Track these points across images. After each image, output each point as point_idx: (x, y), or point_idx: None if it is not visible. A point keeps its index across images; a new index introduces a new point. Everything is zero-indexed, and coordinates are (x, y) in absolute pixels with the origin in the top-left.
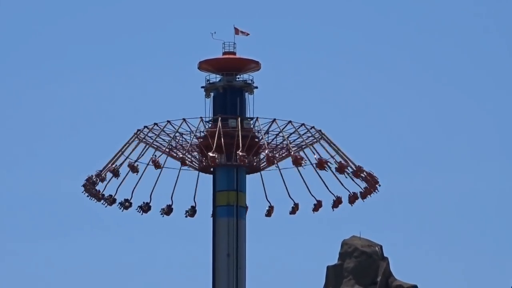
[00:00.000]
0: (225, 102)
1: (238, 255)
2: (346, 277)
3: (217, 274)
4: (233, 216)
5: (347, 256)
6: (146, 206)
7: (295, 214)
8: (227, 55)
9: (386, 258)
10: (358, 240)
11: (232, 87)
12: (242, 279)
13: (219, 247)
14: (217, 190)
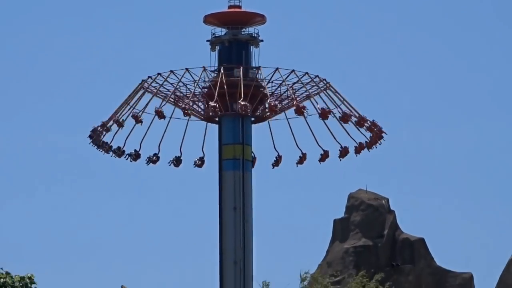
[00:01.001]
0: (230, 55)
1: (245, 209)
2: (352, 230)
3: (224, 227)
4: (239, 170)
5: (353, 210)
6: (155, 157)
7: (302, 164)
8: (232, 9)
9: (393, 211)
10: (364, 193)
11: (237, 40)
12: (249, 232)
13: (226, 201)
14: (223, 144)
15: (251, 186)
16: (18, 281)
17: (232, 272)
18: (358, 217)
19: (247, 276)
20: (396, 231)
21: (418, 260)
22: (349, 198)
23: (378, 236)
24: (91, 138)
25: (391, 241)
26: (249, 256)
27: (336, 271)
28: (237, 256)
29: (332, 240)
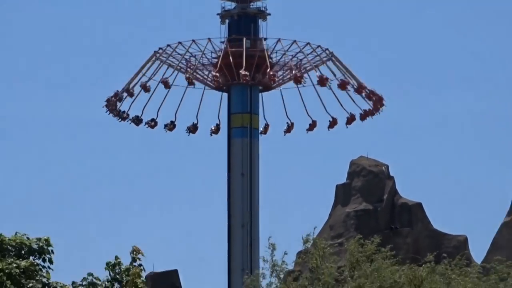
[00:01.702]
0: (239, 28)
1: (252, 175)
2: (354, 195)
3: (232, 192)
4: (247, 137)
5: (355, 175)
6: (172, 125)
7: (312, 130)
8: None
9: (392, 177)
10: (365, 160)
11: (246, 14)
12: (255, 196)
13: (234, 167)
14: (231, 113)
15: (258, 153)
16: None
17: (239, 234)
18: (359, 183)
19: (254, 239)
20: (395, 196)
21: (416, 224)
22: (351, 164)
23: (378, 201)
24: (107, 108)
25: (390, 205)
26: (255, 220)
27: (338, 234)
28: (244, 220)
29: (334, 204)
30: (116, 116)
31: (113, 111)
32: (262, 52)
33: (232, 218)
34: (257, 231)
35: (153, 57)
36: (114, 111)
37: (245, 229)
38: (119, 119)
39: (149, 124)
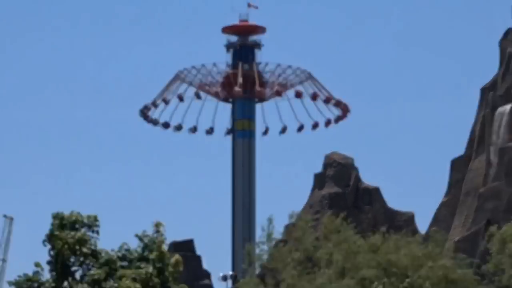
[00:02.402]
0: (240, 56)
1: (250, 165)
2: (328, 181)
3: (235, 179)
4: (247, 138)
5: (328, 166)
6: (194, 129)
7: (301, 132)
8: (242, 23)
9: (356, 167)
10: (336, 154)
11: (245, 45)
12: (253, 182)
13: (237, 160)
14: (235, 119)
15: (255, 149)
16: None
17: (240, 212)
18: (332, 172)
19: (252, 215)
20: (359, 182)
21: (374, 203)
22: (325, 158)
23: (346, 186)
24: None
25: (355, 189)
26: (253, 200)
27: (315, 211)
28: (244, 200)
29: (313, 188)
30: (150, 122)
31: (146, 118)
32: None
33: (235, 199)
34: (254, 209)
35: (175, 78)
36: (147, 118)
37: (245, 208)
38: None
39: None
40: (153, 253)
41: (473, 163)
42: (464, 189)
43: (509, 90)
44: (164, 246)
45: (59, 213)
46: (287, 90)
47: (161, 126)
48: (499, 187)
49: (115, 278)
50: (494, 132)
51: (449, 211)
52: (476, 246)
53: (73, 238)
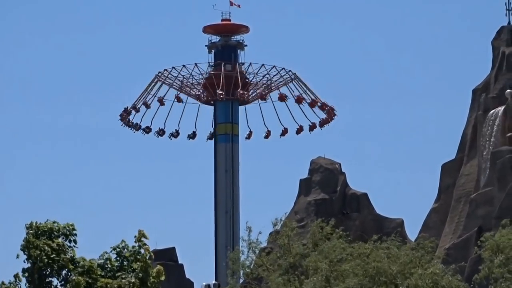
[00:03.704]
0: (223, 56)
1: (234, 171)
2: (314, 187)
3: (218, 185)
4: (230, 142)
5: (314, 172)
6: (176, 133)
7: (284, 136)
8: (224, 22)
9: (344, 173)
10: (323, 159)
11: (228, 45)
12: (236, 188)
13: (219, 165)
14: (217, 123)
15: (238, 154)
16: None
17: (223, 219)
18: (318, 177)
19: (235, 222)
20: (346, 188)
21: (362, 209)
22: (311, 163)
23: (333, 192)
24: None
25: (342, 195)
26: (237, 207)
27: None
28: (228, 207)
29: (298, 195)
30: (130, 127)
31: (126, 123)
32: (238, 74)
33: (218, 206)
34: (237, 216)
35: (155, 79)
36: (127, 122)
37: (228, 215)
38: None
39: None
40: (137, 263)
41: (464, 167)
42: (455, 194)
43: (502, 91)
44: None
45: (32, 222)
46: (271, 92)
47: (142, 131)
48: (491, 193)
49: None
50: (487, 136)
51: (440, 218)
52: (467, 254)
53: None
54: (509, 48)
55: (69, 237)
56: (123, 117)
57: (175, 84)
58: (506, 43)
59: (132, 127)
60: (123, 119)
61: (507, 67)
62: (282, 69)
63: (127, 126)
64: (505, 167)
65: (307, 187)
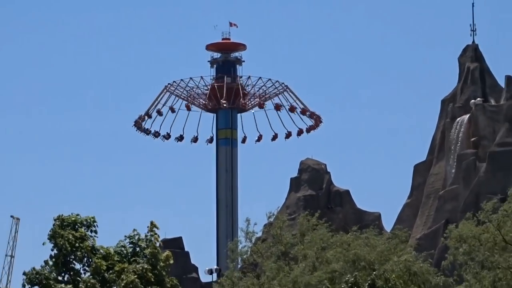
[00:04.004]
0: (223, 70)
1: (233, 171)
2: (303, 184)
3: (219, 183)
4: (230, 145)
5: (303, 171)
6: (181, 138)
7: (275, 140)
8: (224, 40)
9: (329, 172)
10: (310, 160)
11: (228, 61)
12: (235, 186)
13: (220, 166)
14: (218, 128)
15: (237, 156)
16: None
17: (224, 212)
18: (306, 176)
19: (234, 215)
20: (331, 185)
21: (345, 204)
22: (300, 163)
23: (319, 189)
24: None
25: (328, 192)
26: (235, 202)
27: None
28: (228, 202)
29: (289, 191)
30: (142, 132)
31: (140, 128)
32: (238, 86)
33: (219, 201)
34: (236, 209)
35: (164, 90)
36: (140, 128)
37: (228, 209)
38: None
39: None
40: (148, 250)
41: (433, 168)
42: (425, 191)
43: (467, 101)
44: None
45: (59, 215)
46: (266, 102)
47: (152, 135)
48: (457, 190)
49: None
50: (453, 140)
51: (412, 212)
52: (436, 243)
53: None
54: (473, 64)
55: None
56: (137, 123)
57: (183, 95)
58: (470, 60)
59: (144, 132)
60: (136, 125)
61: (472, 80)
62: (276, 82)
63: (140, 131)
64: (469, 168)
65: (297, 184)
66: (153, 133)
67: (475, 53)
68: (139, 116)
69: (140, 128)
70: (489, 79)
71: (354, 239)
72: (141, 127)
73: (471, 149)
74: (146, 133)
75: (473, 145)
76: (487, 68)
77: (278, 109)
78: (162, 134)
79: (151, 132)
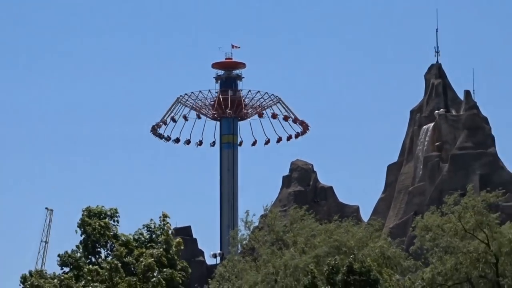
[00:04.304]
0: (226, 85)
1: (234, 170)
2: (293, 181)
3: (222, 180)
4: (231, 149)
5: (293, 170)
6: (188, 141)
7: (268, 144)
8: (227, 60)
9: (315, 171)
10: (300, 161)
11: (230, 77)
12: (236, 182)
13: (223, 166)
14: (222, 134)
15: (237, 157)
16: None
17: (226, 205)
18: (296, 174)
19: (235, 208)
20: (317, 182)
21: (329, 198)
22: (291, 164)
23: (307, 185)
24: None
25: (314, 188)
26: (236, 196)
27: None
28: (229, 196)
29: (281, 187)
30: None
31: (155, 133)
32: (239, 98)
33: (222, 195)
34: (237, 203)
35: (176, 101)
36: (156, 133)
37: (230, 202)
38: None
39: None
40: (162, 237)
41: (404, 168)
42: (397, 188)
43: (432, 112)
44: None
45: (87, 207)
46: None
47: (165, 140)
48: (424, 187)
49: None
50: (420, 144)
51: (386, 205)
52: (406, 231)
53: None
54: (437, 80)
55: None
56: (153, 129)
57: (193, 105)
58: (435, 76)
59: (159, 137)
60: (153, 130)
61: (436, 94)
62: (271, 94)
63: (156, 136)
64: (434, 168)
65: (288, 182)
66: (165, 138)
67: (438, 71)
68: (156, 123)
69: (156, 133)
70: (450, 93)
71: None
72: (157, 132)
73: (436, 152)
74: (160, 138)
75: (437, 149)
76: (448, 83)
77: (275, 118)
78: (173, 138)
79: (164, 136)
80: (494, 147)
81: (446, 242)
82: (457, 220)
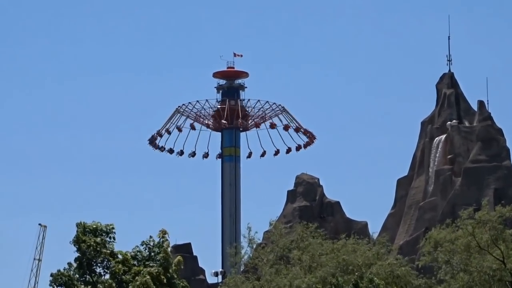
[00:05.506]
0: (228, 95)
1: (236, 184)
2: (298, 196)
3: (224, 195)
4: (233, 161)
5: (299, 184)
6: (193, 154)
7: (277, 155)
8: (229, 69)
9: (321, 185)
10: (305, 175)
11: (232, 87)
12: (238, 197)
13: (225, 180)
14: (223, 146)
15: (240, 171)
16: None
17: (228, 221)
18: (301, 189)
19: (237, 224)
20: (323, 197)
21: (336, 214)
22: (296, 177)
23: (313, 200)
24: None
25: (320, 203)
26: (238, 212)
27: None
28: (231, 212)
29: (286, 202)
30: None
31: (154, 145)
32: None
33: (224, 211)
34: (239, 218)
35: (175, 111)
36: (155, 145)
37: (232, 218)
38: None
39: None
40: (160, 254)
41: (414, 182)
42: (407, 203)
43: (444, 123)
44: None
45: (81, 222)
46: (265, 122)
47: (167, 152)
48: (435, 202)
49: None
50: (432, 157)
51: (395, 221)
52: (416, 249)
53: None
54: (449, 90)
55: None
56: (152, 141)
57: (191, 115)
58: (447, 86)
59: (158, 149)
60: (151, 142)
61: (448, 104)
62: (273, 104)
63: (154, 148)
64: (446, 182)
65: (293, 196)
66: (159, 148)
67: (451, 80)
68: (152, 135)
69: (154, 145)
70: (463, 103)
71: (342, 246)
72: (155, 144)
73: (448, 165)
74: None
75: (449, 162)
76: (461, 93)
77: (273, 128)
78: (166, 149)
79: (159, 147)
80: (509, 160)
81: (459, 259)
82: (471, 235)
